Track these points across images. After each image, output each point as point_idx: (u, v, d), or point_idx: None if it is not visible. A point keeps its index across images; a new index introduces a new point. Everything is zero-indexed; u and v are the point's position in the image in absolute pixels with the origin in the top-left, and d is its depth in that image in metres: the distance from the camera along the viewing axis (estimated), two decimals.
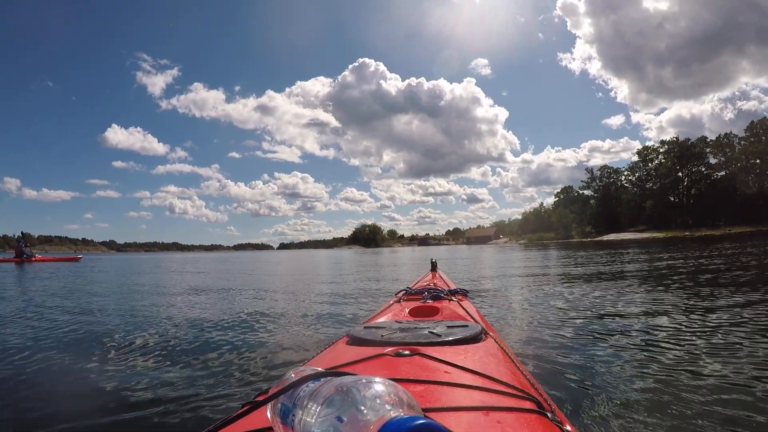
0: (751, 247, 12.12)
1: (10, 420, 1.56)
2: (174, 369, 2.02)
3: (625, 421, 1.44)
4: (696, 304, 3.61)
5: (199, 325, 3.00)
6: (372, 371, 0.73)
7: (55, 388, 1.91)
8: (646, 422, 1.42)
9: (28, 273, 10.81)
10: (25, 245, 17.64)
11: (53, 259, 19.47)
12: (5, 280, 8.53)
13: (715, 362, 2.02)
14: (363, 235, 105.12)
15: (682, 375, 1.86)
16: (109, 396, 1.71)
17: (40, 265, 15.12)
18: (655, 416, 1.46)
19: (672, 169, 55.92)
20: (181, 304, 3.89)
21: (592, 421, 1.44)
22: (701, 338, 2.47)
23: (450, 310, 1.35)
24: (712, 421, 1.42)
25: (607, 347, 2.38)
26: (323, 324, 3.13)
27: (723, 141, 53.29)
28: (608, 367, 2.01)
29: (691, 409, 1.50)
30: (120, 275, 10.64)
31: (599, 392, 1.68)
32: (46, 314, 4.00)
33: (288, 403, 0.45)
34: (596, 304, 3.83)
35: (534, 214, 74.86)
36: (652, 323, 2.95)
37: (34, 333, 3.11)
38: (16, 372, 2.15)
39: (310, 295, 4.81)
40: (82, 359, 2.33)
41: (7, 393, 1.84)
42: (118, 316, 3.68)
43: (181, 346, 2.50)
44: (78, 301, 4.98)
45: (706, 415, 1.45)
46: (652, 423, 1.42)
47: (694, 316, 3.08)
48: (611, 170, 64.13)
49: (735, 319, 2.91)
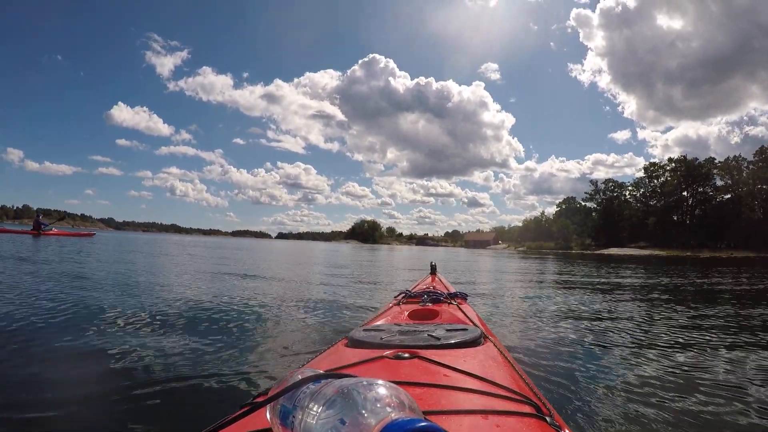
0: (758, 273, 12.03)
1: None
2: (170, 368, 1.98)
3: (623, 426, 1.45)
4: (697, 318, 3.64)
5: (195, 325, 2.96)
6: (371, 373, 0.73)
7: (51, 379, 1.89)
8: (644, 427, 1.43)
9: (41, 245, 11.01)
10: (43, 217, 18.10)
11: (68, 233, 19.82)
12: (18, 250, 8.69)
13: (714, 370, 2.05)
14: (361, 231, 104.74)
15: (680, 382, 1.89)
16: (107, 394, 1.67)
17: (55, 238, 15.46)
18: (653, 422, 1.47)
19: (677, 187, 55.73)
20: (173, 300, 3.87)
21: (590, 425, 1.45)
22: (699, 348, 2.50)
23: (449, 314, 1.35)
24: (710, 427, 1.43)
25: (605, 353, 2.41)
26: (322, 325, 3.12)
27: (731, 164, 53.06)
28: (606, 372, 2.04)
29: (688, 415, 1.52)
30: (119, 254, 10.67)
31: (597, 397, 1.70)
32: (46, 289, 4.01)
33: (288, 404, 0.44)
34: (596, 313, 3.86)
35: (535, 223, 74.95)
36: (651, 332, 3.00)
37: (30, 308, 3.12)
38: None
39: (310, 295, 4.81)
40: (78, 349, 2.31)
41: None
42: (112, 305, 3.64)
43: (176, 345, 2.46)
44: (76, 281, 5.00)
45: (705, 422, 1.47)
46: (650, 428, 1.42)
47: (693, 329, 3.12)
48: (615, 184, 64.11)
49: (735, 331, 2.97)
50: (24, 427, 1.41)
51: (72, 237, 18.05)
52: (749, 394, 1.76)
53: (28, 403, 1.59)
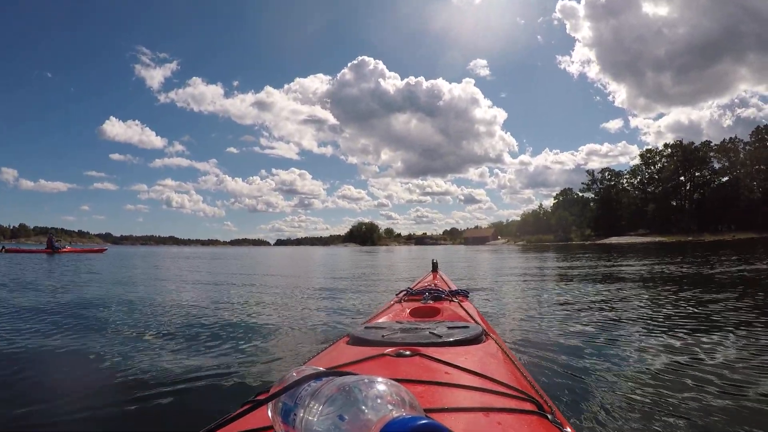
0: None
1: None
2: (173, 367, 2.00)
3: (625, 422, 1.44)
4: (700, 309, 3.59)
5: (197, 324, 2.98)
6: (373, 371, 0.73)
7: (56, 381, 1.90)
8: (646, 424, 1.42)
9: (57, 262, 12.22)
10: (56, 239, 19.43)
11: (81, 250, 21.37)
12: (38, 267, 9.96)
13: (718, 365, 2.02)
14: (360, 233, 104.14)
15: (683, 378, 1.86)
16: (108, 393, 1.69)
17: (69, 255, 16.73)
18: (655, 418, 1.46)
19: (675, 172, 55.48)
20: (179, 301, 3.88)
21: (592, 422, 1.45)
22: (703, 342, 2.46)
23: (451, 311, 1.35)
24: (712, 422, 1.42)
25: (607, 350, 2.39)
26: (323, 323, 3.12)
27: (728, 146, 52.86)
28: (609, 369, 2.02)
29: (691, 411, 1.51)
30: (129, 267, 10.67)
31: (599, 394, 1.69)
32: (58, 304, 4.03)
33: (289, 402, 0.44)
34: (597, 307, 3.82)
35: (533, 216, 74.75)
36: (654, 327, 2.95)
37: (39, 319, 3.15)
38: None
39: (310, 295, 4.80)
40: (83, 349, 2.33)
41: None
42: (116, 310, 3.68)
43: (179, 344, 2.48)
44: (90, 292, 5.02)
45: (707, 418, 1.46)
46: (652, 425, 1.42)
47: (697, 322, 3.07)
48: (612, 173, 63.75)
49: (740, 323, 2.92)
50: (27, 428, 1.42)
51: (85, 253, 19.50)
52: (756, 389, 1.71)
53: (31, 403, 1.61)
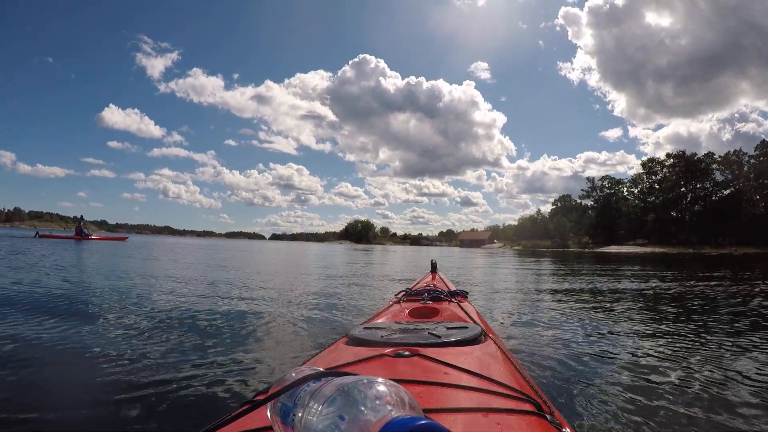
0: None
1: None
2: (171, 367, 1.98)
3: (624, 423, 1.45)
4: (698, 317, 3.65)
5: (197, 323, 2.96)
6: (372, 371, 0.72)
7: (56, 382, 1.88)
8: (645, 425, 1.43)
9: (86, 248, 13.59)
10: (84, 226, 20.87)
11: (106, 238, 24.33)
12: (69, 252, 11.04)
13: (713, 370, 2.05)
14: (355, 231, 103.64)
15: (684, 379, 1.89)
16: (107, 393, 1.66)
17: (96, 242, 18.77)
18: (653, 419, 1.47)
19: (677, 183, 55.34)
20: (175, 299, 3.87)
21: (591, 423, 1.45)
22: (699, 348, 2.50)
23: (450, 312, 1.35)
24: (711, 422, 1.44)
25: (606, 352, 2.41)
26: (322, 324, 3.11)
27: (732, 158, 52.71)
28: (608, 370, 2.04)
29: (689, 413, 1.52)
30: (120, 261, 10.65)
31: (598, 395, 1.70)
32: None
33: (288, 402, 0.44)
34: (596, 310, 3.87)
35: (530, 221, 74.85)
36: (651, 331, 3.00)
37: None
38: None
39: (309, 295, 4.80)
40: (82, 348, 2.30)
41: None
42: (111, 304, 3.67)
43: (178, 344, 2.45)
44: (91, 283, 5.01)
45: (705, 420, 1.47)
46: (651, 425, 1.43)
47: (694, 328, 3.12)
48: (612, 181, 63.93)
49: (734, 333, 2.96)
50: (26, 428, 1.40)
51: (111, 241, 22.10)
52: (754, 392, 1.75)
53: (30, 403, 1.59)
